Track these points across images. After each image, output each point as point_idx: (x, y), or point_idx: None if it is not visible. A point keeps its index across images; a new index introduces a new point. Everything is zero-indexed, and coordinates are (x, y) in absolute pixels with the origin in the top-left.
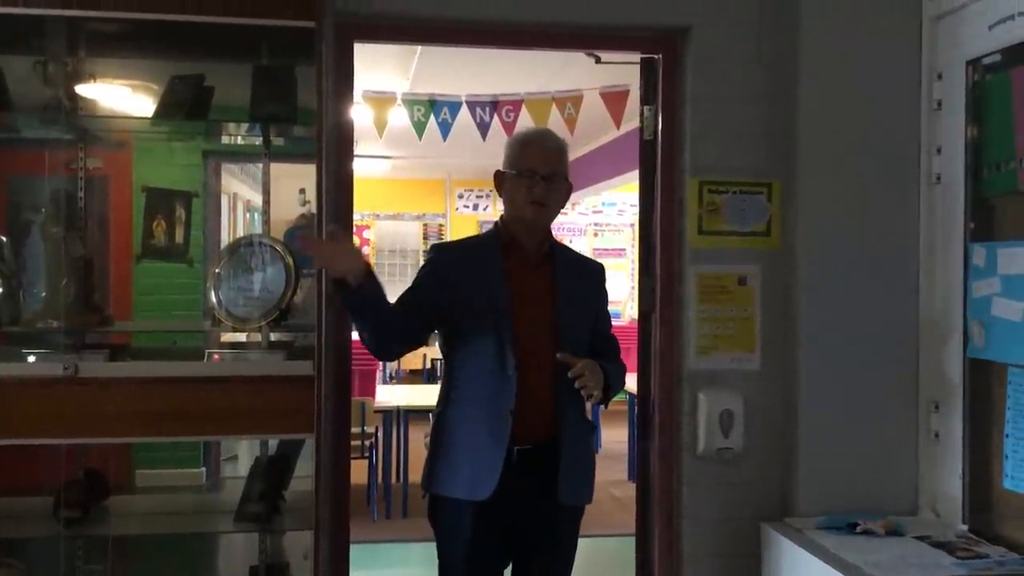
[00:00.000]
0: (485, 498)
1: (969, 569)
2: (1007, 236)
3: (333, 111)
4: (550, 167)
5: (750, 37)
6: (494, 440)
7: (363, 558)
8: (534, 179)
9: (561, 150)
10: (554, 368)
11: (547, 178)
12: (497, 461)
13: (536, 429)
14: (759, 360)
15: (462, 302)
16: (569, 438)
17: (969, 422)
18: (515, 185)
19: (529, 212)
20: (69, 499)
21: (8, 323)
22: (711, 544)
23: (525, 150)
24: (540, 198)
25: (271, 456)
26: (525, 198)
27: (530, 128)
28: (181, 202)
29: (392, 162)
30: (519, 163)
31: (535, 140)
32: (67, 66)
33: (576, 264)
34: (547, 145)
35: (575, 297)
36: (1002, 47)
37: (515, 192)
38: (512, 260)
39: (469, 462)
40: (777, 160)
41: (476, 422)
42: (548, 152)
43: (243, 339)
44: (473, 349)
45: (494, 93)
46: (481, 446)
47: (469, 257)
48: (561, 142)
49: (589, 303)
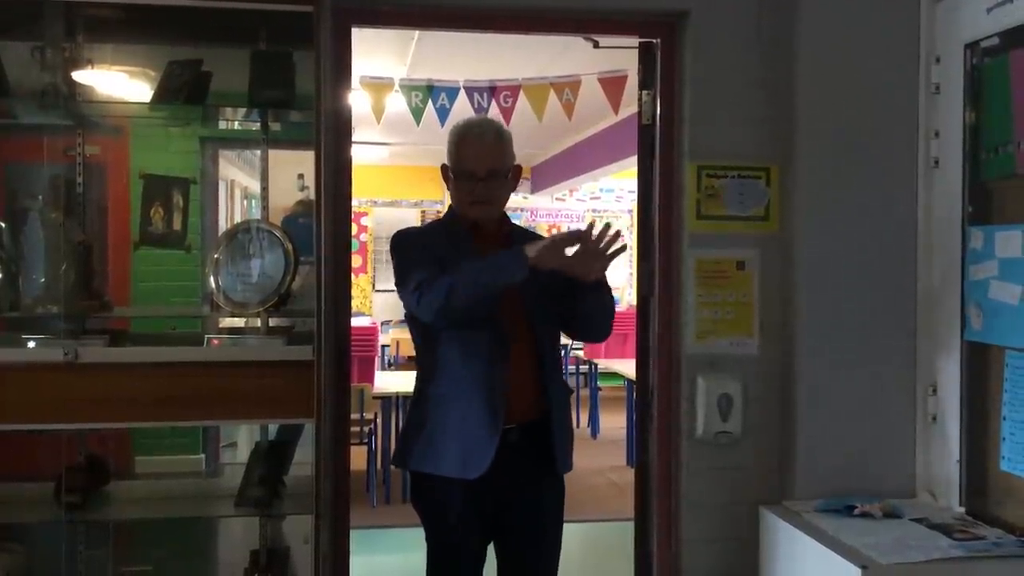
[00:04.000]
0: (476, 476)
1: (966, 550)
2: (1005, 219)
3: (331, 96)
4: (487, 166)
5: (749, 21)
6: (488, 420)
7: (362, 543)
8: (473, 181)
9: (497, 144)
10: (534, 345)
11: (486, 178)
12: (491, 441)
13: (525, 408)
14: (758, 344)
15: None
16: (557, 412)
17: (967, 405)
18: (456, 186)
19: (472, 212)
20: (70, 484)
21: (8, 309)
22: (710, 528)
23: (461, 150)
24: (481, 198)
25: (271, 441)
26: (467, 200)
27: (468, 120)
28: (179, 189)
29: (390, 148)
30: (457, 165)
31: (470, 139)
32: (65, 52)
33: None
34: (484, 142)
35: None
36: (1000, 30)
37: (458, 192)
38: (478, 239)
39: (459, 441)
40: (776, 144)
41: (467, 403)
42: (485, 150)
43: (242, 325)
44: (459, 330)
45: (492, 79)
46: (473, 427)
47: (439, 237)
48: (496, 134)
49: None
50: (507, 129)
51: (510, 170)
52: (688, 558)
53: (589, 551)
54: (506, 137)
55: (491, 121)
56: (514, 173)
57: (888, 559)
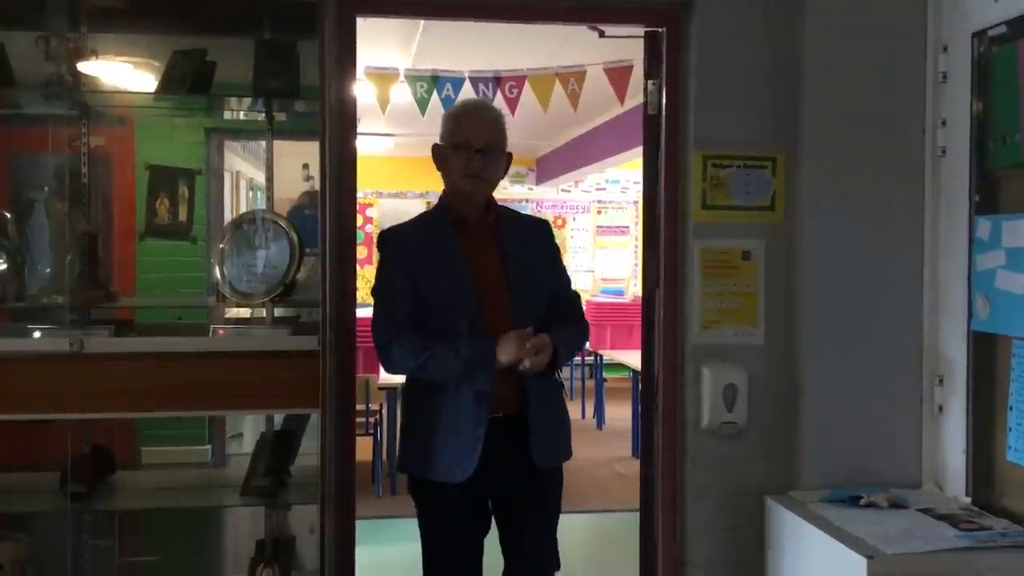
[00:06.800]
0: (463, 479)
1: (972, 540)
2: (1012, 209)
3: (336, 86)
4: (485, 139)
5: (754, 10)
6: (472, 422)
7: (368, 534)
8: (470, 152)
9: (497, 121)
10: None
11: (482, 151)
12: (475, 443)
13: (507, 401)
14: (763, 334)
15: (427, 283)
16: (536, 404)
17: (973, 395)
18: (452, 159)
19: (465, 185)
20: (76, 474)
21: (13, 299)
22: (715, 518)
23: (460, 124)
24: (476, 171)
25: (277, 431)
26: (461, 171)
27: (466, 100)
28: (184, 180)
29: (395, 140)
30: (454, 136)
31: (470, 113)
32: (69, 42)
33: (522, 227)
34: (482, 117)
35: (525, 263)
36: (1008, 19)
37: (452, 166)
38: (462, 235)
39: (446, 444)
40: (781, 134)
41: (452, 404)
42: (483, 124)
43: (247, 315)
44: (441, 329)
45: (497, 69)
46: (458, 428)
47: (421, 237)
48: (497, 113)
49: (541, 266)
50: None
51: (503, 151)
52: (693, 548)
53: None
54: (503, 121)
55: (491, 104)
56: (506, 158)
57: (894, 549)
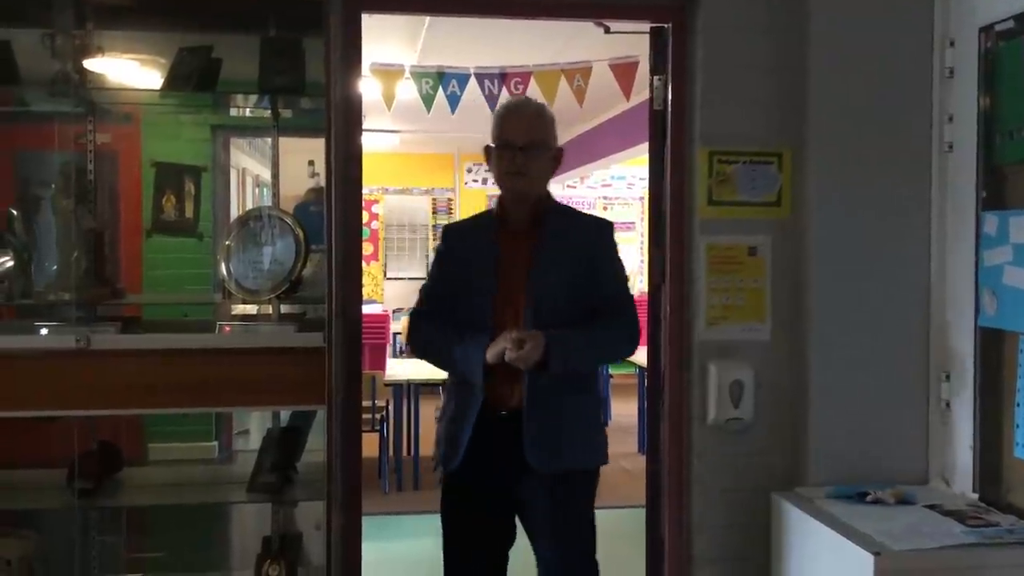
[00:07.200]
0: (454, 468)
1: (979, 537)
2: (1019, 204)
3: (341, 83)
4: (526, 137)
5: (760, 4)
6: (470, 414)
7: (374, 530)
8: (513, 150)
9: (540, 117)
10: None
11: (524, 148)
12: (462, 435)
13: (508, 398)
14: (769, 330)
15: (457, 276)
16: (534, 403)
17: (980, 391)
18: (496, 158)
19: (509, 183)
20: (83, 471)
21: (20, 296)
22: (721, 514)
23: (503, 123)
24: (517, 168)
25: (283, 428)
26: (505, 169)
27: (509, 99)
28: (191, 177)
29: (400, 136)
30: (498, 136)
31: (512, 111)
32: (75, 39)
33: (570, 226)
34: (523, 114)
35: (553, 262)
36: (1016, 13)
37: (497, 164)
38: (504, 232)
39: (449, 432)
40: (788, 129)
41: (462, 395)
42: (524, 122)
43: (254, 312)
44: (466, 322)
45: (503, 65)
46: (461, 417)
47: (470, 233)
48: (540, 109)
49: (573, 265)
50: (551, 111)
51: (551, 148)
52: (699, 544)
53: (601, 537)
54: (547, 116)
55: (535, 100)
56: (555, 155)
57: (901, 545)
